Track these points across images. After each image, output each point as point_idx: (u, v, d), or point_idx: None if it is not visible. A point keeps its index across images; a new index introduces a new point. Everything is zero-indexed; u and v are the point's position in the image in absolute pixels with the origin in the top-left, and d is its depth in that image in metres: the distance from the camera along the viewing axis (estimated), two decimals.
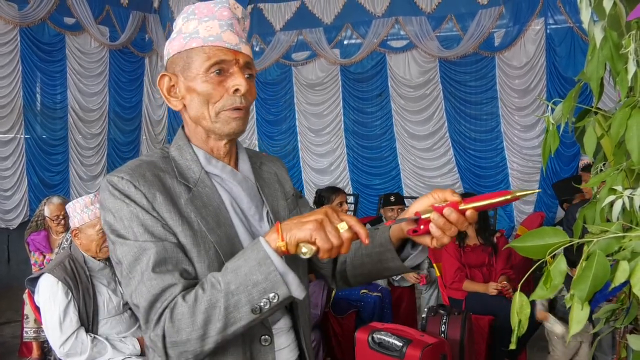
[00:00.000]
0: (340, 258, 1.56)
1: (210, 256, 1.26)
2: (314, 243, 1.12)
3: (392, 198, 5.29)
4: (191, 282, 1.20)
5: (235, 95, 1.32)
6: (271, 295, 1.13)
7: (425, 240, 1.28)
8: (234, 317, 1.13)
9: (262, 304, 1.13)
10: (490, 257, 4.62)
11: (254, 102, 1.42)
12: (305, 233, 1.12)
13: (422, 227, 1.24)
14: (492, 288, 4.35)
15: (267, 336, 1.31)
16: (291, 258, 1.21)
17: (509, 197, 1.18)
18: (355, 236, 1.16)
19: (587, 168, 5.33)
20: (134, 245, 1.21)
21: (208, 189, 1.34)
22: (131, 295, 1.20)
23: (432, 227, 1.22)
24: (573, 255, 1.13)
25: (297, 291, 1.16)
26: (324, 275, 1.62)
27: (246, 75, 1.34)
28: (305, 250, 1.13)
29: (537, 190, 1.19)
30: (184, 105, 1.37)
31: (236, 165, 1.44)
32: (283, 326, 1.38)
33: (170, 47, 1.37)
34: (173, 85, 1.37)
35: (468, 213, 1.21)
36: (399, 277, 5.15)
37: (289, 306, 1.39)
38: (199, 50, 1.31)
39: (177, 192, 1.30)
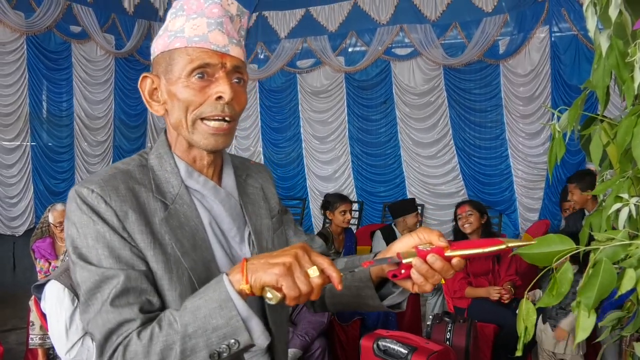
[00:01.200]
0: None
1: (183, 283, 1.16)
2: (280, 289, 1.02)
3: (414, 204, 5.42)
4: (151, 315, 1.09)
5: (218, 102, 1.19)
6: (231, 341, 1.03)
7: (406, 284, 1.16)
8: None
9: (221, 349, 1.03)
10: (494, 265, 4.61)
11: (257, 111, 1.29)
12: (271, 277, 1.01)
13: (403, 271, 1.11)
14: (494, 292, 4.33)
15: None
16: None
17: (502, 246, 1.07)
18: (327, 280, 1.05)
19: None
20: (96, 271, 1.09)
21: (186, 207, 1.22)
22: (88, 323, 1.11)
23: (414, 273, 1.10)
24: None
25: (260, 339, 1.07)
26: None
27: (234, 80, 1.22)
28: (270, 296, 1.02)
29: (532, 242, 1.09)
30: (166, 111, 1.25)
31: (219, 179, 1.33)
32: (258, 349, 1.26)
33: (155, 46, 1.26)
34: (155, 88, 1.26)
35: (454, 261, 1.09)
36: None
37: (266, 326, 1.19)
38: (182, 51, 1.19)
39: (152, 209, 1.18)
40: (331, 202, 4.93)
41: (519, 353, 1.13)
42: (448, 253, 1.08)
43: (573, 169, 6.24)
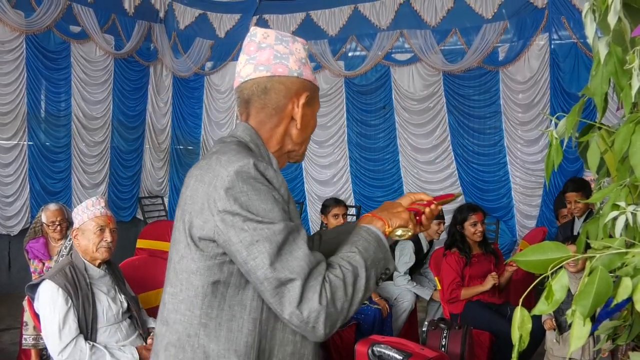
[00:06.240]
0: None
1: None
2: (407, 226, 1.48)
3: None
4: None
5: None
6: (387, 270, 1.41)
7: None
8: (368, 287, 1.34)
9: (381, 276, 1.39)
10: (494, 266, 4.59)
11: None
12: (404, 221, 1.48)
13: (416, 218, 1.57)
14: (490, 280, 4.32)
15: None
16: None
17: (456, 193, 1.72)
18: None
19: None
20: (282, 228, 1.27)
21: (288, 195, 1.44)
22: (282, 270, 1.25)
23: (424, 219, 1.59)
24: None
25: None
26: None
27: None
28: (402, 233, 1.47)
29: (459, 194, 1.79)
30: (289, 124, 1.50)
31: None
32: None
33: (304, 70, 1.49)
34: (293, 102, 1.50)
35: (438, 209, 1.60)
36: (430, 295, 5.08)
37: None
38: (317, 90, 1.55)
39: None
40: (326, 205, 4.96)
41: None
42: (436, 204, 1.60)
43: (570, 177, 6.23)
